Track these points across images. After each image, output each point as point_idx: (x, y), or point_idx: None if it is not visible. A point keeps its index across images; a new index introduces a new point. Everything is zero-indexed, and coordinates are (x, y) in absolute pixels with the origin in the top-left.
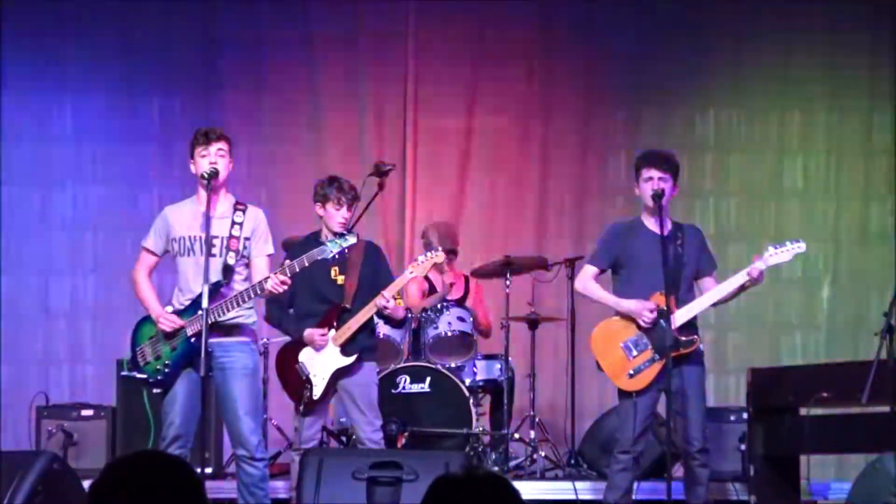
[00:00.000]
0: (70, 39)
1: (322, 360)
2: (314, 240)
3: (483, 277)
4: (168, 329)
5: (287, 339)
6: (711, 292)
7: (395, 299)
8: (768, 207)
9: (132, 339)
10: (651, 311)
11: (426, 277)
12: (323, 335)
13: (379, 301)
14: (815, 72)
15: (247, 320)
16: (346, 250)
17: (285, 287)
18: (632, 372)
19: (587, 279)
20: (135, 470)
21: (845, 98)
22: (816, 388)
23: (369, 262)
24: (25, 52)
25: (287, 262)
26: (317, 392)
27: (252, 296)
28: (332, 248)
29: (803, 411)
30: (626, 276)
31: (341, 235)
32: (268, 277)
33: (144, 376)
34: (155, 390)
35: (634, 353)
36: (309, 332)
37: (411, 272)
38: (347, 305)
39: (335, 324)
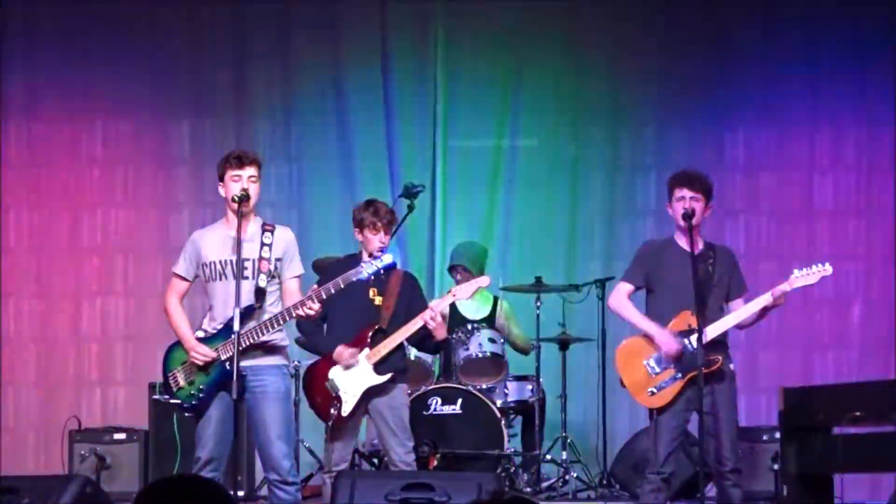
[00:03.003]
0: (99, 64)
1: (353, 378)
2: (353, 262)
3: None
4: (199, 363)
5: (316, 357)
6: (735, 312)
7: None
8: (799, 226)
9: (164, 365)
10: (673, 352)
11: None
12: (353, 354)
13: (426, 314)
14: (844, 88)
15: (279, 343)
16: (383, 272)
17: (313, 313)
18: (653, 389)
19: (622, 297)
20: (171, 493)
21: (875, 115)
22: (849, 407)
23: (406, 291)
24: (55, 78)
25: (314, 286)
26: (346, 409)
27: (284, 321)
28: (367, 269)
29: (836, 430)
30: (657, 294)
31: (376, 257)
32: (298, 303)
33: (178, 401)
34: (189, 415)
35: (657, 370)
36: (340, 350)
37: (454, 295)
38: (383, 326)
39: (369, 342)
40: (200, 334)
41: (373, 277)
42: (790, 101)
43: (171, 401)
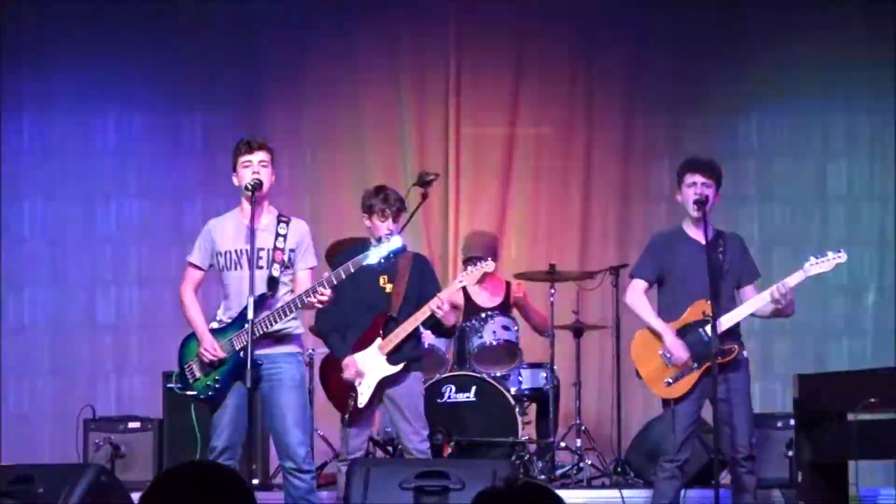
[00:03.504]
0: (113, 55)
1: (367, 369)
2: (361, 247)
3: (526, 281)
4: (206, 361)
5: None
6: (751, 300)
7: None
8: (812, 213)
9: (180, 356)
10: (681, 360)
11: (463, 289)
12: (357, 374)
13: (433, 303)
14: (857, 75)
15: (294, 331)
16: (393, 257)
17: (325, 299)
18: (669, 380)
19: (638, 294)
20: (187, 479)
21: (889, 101)
22: (864, 394)
23: (416, 274)
24: (70, 69)
25: (326, 275)
26: (362, 401)
27: (295, 308)
28: (376, 253)
29: (851, 417)
30: (670, 286)
31: (387, 241)
32: (309, 290)
33: (195, 393)
34: (205, 405)
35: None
36: (347, 362)
37: (461, 281)
38: (394, 315)
39: (381, 332)
40: (215, 325)
41: (383, 261)
42: (803, 87)
43: (188, 392)
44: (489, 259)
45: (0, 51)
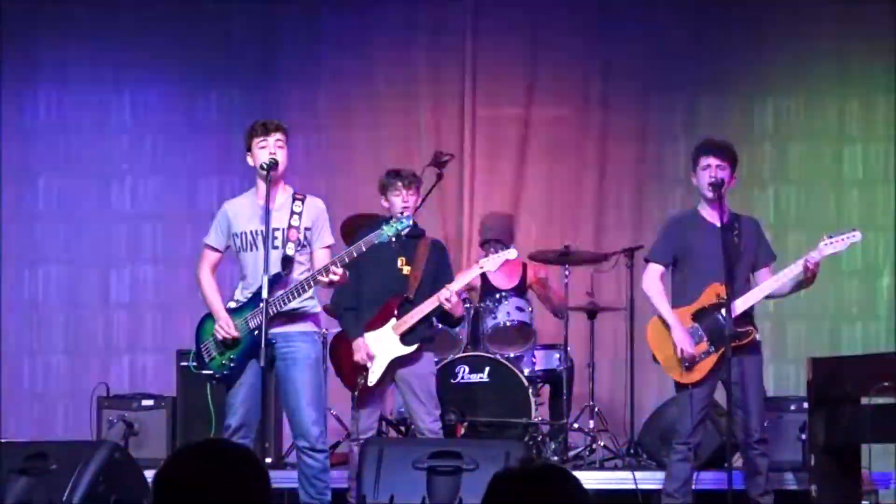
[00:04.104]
0: (128, 32)
1: (380, 348)
2: (375, 224)
3: (541, 263)
4: (220, 338)
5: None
6: (767, 282)
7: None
8: (828, 196)
9: (196, 336)
10: (688, 355)
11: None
12: (367, 358)
13: (442, 293)
14: (874, 58)
15: (310, 310)
16: (405, 237)
17: (337, 277)
18: (687, 364)
19: (654, 279)
20: (201, 457)
21: None
22: (877, 378)
23: (434, 260)
24: (84, 46)
25: (339, 254)
26: (372, 379)
27: (308, 287)
28: (388, 233)
29: (864, 401)
30: (685, 268)
31: (397, 220)
32: (322, 269)
33: (210, 372)
34: (221, 384)
35: None
36: (358, 344)
37: (482, 267)
38: (410, 296)
39: (396, 312)
40: (233, 304)
41: (394, 240)
42: (819, 70)
43: (203, 371)
44: (512, 246)
45: (16, 25)
